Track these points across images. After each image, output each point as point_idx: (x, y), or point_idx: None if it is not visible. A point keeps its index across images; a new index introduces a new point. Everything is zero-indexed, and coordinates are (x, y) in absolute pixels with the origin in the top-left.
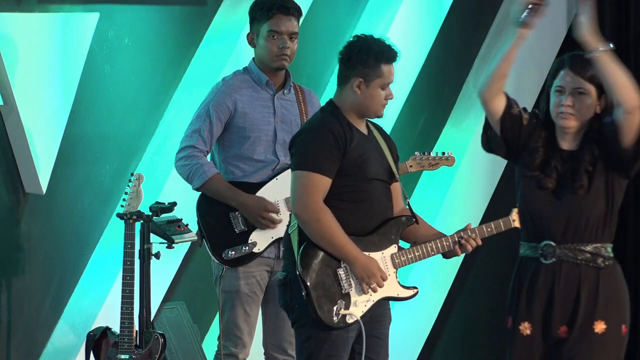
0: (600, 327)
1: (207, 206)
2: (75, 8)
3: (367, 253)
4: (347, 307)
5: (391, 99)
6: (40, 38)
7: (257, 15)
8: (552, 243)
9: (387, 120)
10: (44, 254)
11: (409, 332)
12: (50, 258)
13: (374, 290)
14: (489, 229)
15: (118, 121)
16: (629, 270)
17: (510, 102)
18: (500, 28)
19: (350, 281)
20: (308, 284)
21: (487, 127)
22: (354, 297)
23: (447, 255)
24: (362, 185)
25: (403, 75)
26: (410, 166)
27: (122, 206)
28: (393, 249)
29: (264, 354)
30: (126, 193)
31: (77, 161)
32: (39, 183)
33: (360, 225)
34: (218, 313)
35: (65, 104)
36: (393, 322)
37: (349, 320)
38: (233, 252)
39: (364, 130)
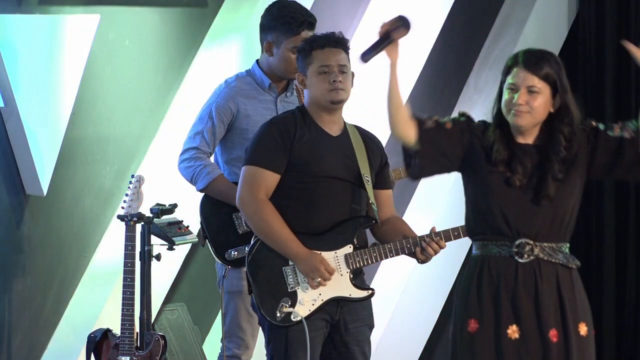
0: (583, 329)
1: (211, 207)
2: (76, 10)
3: (318, 252)
4: (292, 305)
5: (339, 80)
6: (41, 40)
7: (279, 27)
8: (528, 241)
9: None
10: (44, 255)
11: (409, 333)
12: (51, 260)
13: (321, 284)
14: (455, 233)
15: (119, 123)
16: (630, 269)
17: (421, 120)
18: (501, 29)
19: (297, 279)
20: (252, 280)
21: (407, 156)
22: (300, 295)
23: (417, 259)
24: (312, 182)
25: (404, 77)
26: None
27: (122, 208)
28: (348, 249)
29: (266, 355)
30: (127, 195)
31: (78, 163)
32: (40, 185)
33: (311, 223)
34: (221, 315)
35: (66, 105)
36: (394, 324)
37: (293, 318)
38: (236, 253)
39: (335, 131)
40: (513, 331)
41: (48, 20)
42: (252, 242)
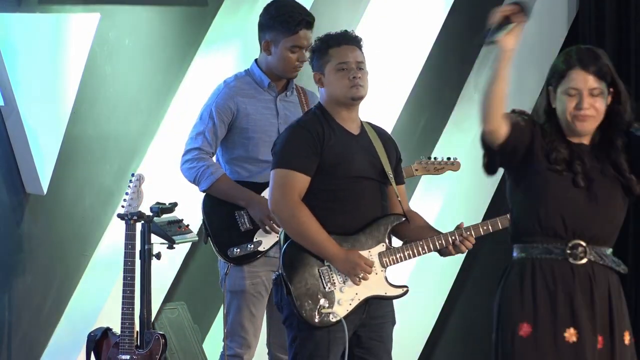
0: (627, 338)
1: (213, 204)
2: (76, 9)
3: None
4: (330, 306)
5: (358, 76)
6: (41, 39)
7: (277, 25)
8: (582, 242)
9: (389, 120)
10: (44, 254)
11: (409, 332)
12: (51, 258)
13: (365, 279)
14: (484, 227)
15: (119, 122)
16: (629, 267)
17: (510, 118)
18: None
19: (333, 279)
20: (289, 282)
21: (488, 150)
22: (338, 295)
23: (442, 253)
24: (343, 184)
25: (404, 76)
26: (416, 170)
27: (122, 206)
28: (381, 247)
29: (268, 353)
30: (127, 193)
31: (78, 162)
32: (40, 184)
33: (343, 224)
34: (223, 314)
35: (66, 104)
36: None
37: (332, 319)
38: (238, 250)
39: (354, 130)
40: (570, 334)
41: (48, 19)
42: (283, 246)
